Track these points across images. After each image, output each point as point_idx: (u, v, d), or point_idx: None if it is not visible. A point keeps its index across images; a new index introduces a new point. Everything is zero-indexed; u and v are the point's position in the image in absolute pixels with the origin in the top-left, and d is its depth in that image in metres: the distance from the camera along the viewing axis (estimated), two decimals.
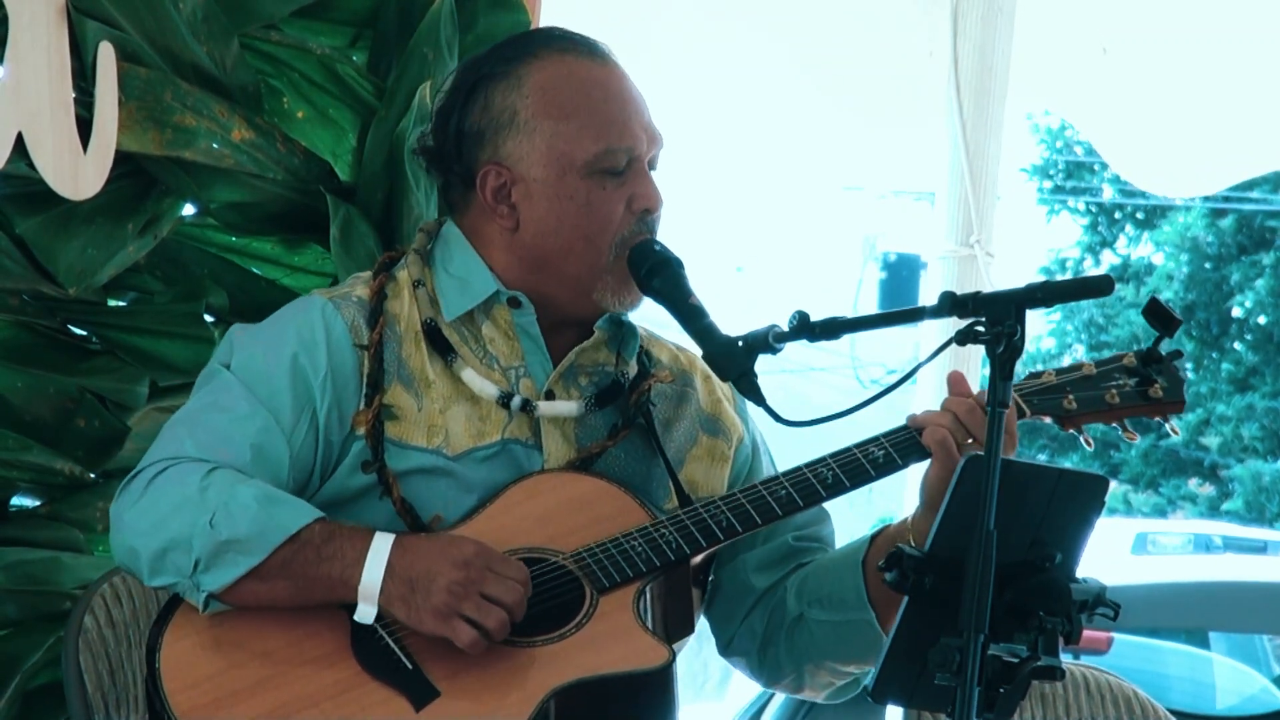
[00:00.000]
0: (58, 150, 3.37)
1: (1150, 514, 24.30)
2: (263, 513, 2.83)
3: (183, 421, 2.98)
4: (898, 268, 24.32)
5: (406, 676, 2.84)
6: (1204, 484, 25.99)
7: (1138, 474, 25.66)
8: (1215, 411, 25.20)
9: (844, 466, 3.00)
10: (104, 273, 3.52)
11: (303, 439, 2.96)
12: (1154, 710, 3.46)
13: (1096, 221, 26.79)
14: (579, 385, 3.07)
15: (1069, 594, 2.57)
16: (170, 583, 2.87)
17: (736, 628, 3.15)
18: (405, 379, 3.00)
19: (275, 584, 2.84)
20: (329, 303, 3.03)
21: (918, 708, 3.01)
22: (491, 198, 3.04)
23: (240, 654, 2.87)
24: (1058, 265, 26.52)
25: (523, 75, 3.04)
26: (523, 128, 3.02)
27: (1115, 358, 3.10)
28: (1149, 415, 3.09)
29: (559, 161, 3.01)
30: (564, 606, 2.90)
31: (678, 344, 3.23)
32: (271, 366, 2.98)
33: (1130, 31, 5.34)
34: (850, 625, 3.02)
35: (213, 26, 3.54)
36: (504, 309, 3.06)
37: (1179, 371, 3.09)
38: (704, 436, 3.15)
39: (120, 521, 2.91)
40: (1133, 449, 25.49)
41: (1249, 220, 25.12)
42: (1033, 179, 26.48)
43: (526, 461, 3.02)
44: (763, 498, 2.99)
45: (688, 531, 2.96)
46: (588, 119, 3.02)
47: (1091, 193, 26.73)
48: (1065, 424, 3.07)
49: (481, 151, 3.04)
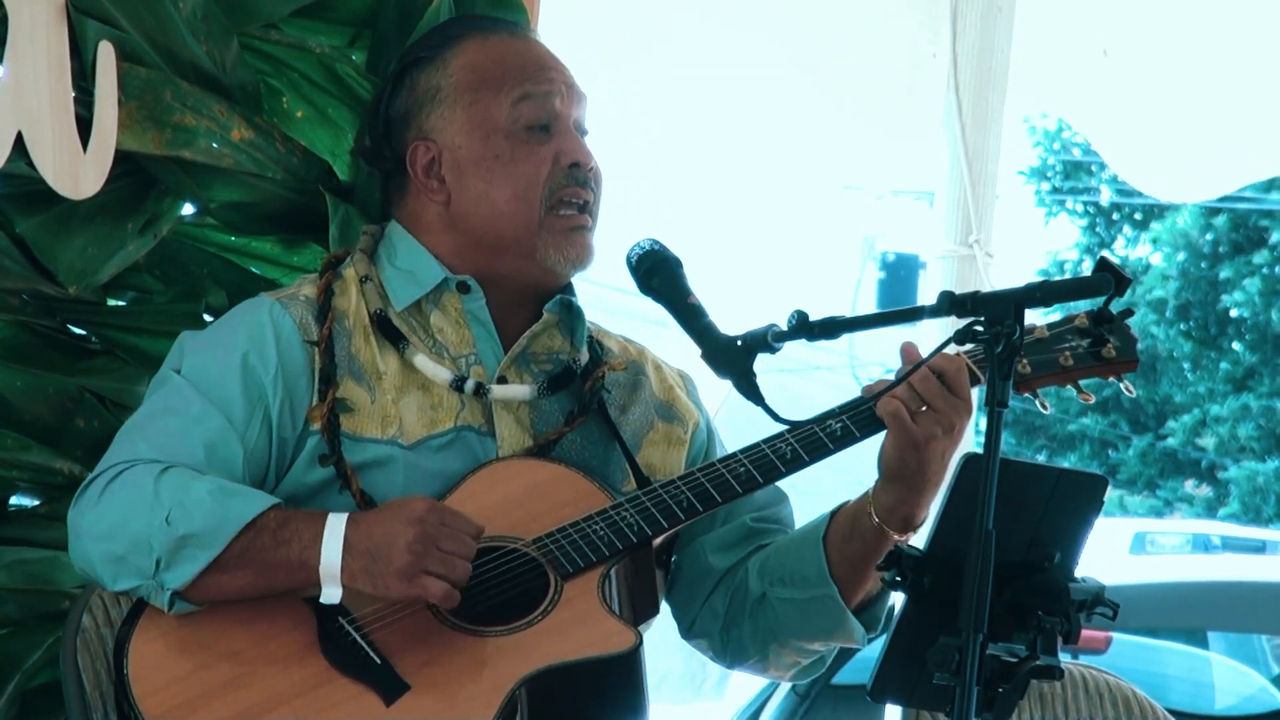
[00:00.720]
0: (57, 150, 3.37)
1: (1147, 516, 24.29)
2: (217, 505, 2.84)
3: (135, 427, 2.99)
4: (897, 267, 24.30)
5: (375, 671, 2.85)
6: (1200, 485, 25.98)
7: (1135, 474, 25.64)
8: (1210, 412, 25.18)
9: (802, 441, 3.00)
10: (104, 272, 3.52)
11: (256, 437, 2.97)
12: (1153, 710, 3.46)
13: (1095, 223, 26.81)
14: (531, 371, 3.08)
15: (1068, 593, 2.58)
16: (133, 585, 2.88)
17: (698, 610, 3.15)
18: (356, 373, 3.02)
19: (236, 574, 2.85)
20: (276, 303, 3.06)
21: (916, 707, 3.01)
22: (422, 174, 3.08)
23: (208, 654, 2.87)
24: (1056, 267, 26.53)
25: (448, 58, 3.11)
26: (444, 100, 3.08)
27: (1067, 319, 3.09)
28: (1103, 375, 3.08)
29: (482, 125, 3.06)
30: (529, 594, 2.91)
31: (625, 335, 3.25)
32: (222, 367, 2.99)
33: (1130, 33, 5.34)
34: (814, 602, 3.02)
35: (212, 26, 3.54)
36: (454, 296, 3.07)
37: (1130, 330, 3.07)
38: (659, 422, 3.17)
39: (77, 529, 2.92)
40: (1130, 450, 25.47)
41: (1244, 219, 25.12)
42: (1030, 181, 26.49)
43: (480, 449, 3.03)
44: (722, 476, 3.00)
45: (648, 513, 2.97)
46: (503, 79, 3.08)
47: (1089, 194, 26.74)
48: (1020, 388, 3.06)
49: (408, 131, 3.10)
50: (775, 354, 2.91)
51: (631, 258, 3.05)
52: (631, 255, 3.05)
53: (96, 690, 3.06)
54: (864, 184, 9.64)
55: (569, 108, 3.09)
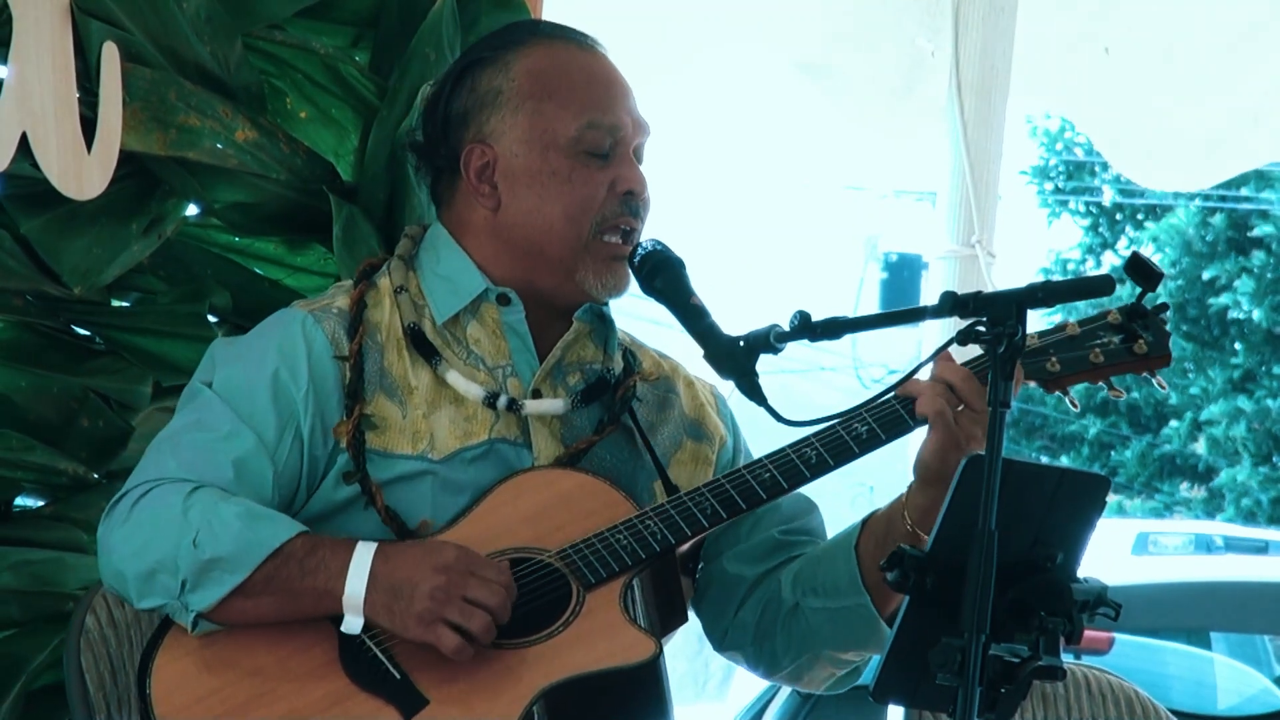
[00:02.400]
0: (62, 150, 3.38)
1: (1147, 517, 24.27)
2: (245, 530, 2.84)
3: (166, 441, 2.98)
4: (899, 268, 24.29)
5: (395, 686, 2.85)
6: (1195, 487, 25.95)
7: (1133, 475, 25.63)
8: (1206, 414, 25.15)
9: (827, 445, 2.98)
10: (108, 273, 3.53)
11: (287, 455, 2.96)
12: (1155, 710, 3.46)
13: (1097, 223, 26.77)
14: (566, 383, 3.07)
15: (1070, 594, 2.57)
16: (159, 604, 2.88)
17: (729, 622, 3.14)
18: (388, 388, 3.00)
19: (261, 600, 2.85)
20: (309, 316, 3.03)
21: (919, 708, 3.01)
22: (475, 177, 3.05)
23: (231, 673, 2.87)
24: (1059, 266, 26.50)
25: (510, 60, 3.06)
26: (506, 106, 3.04)
27: (1099, 315, 3.05)
28: (1135, 372, 3.04)
29: (542, 138, 3.02)
30: (551, 605, 2.90)
31: (659, 350, 3.23)
32: (254, 384, 2.98)
33: (1132, 31, 5.34)
34: (846, 611, 3.00)
35: (216, 27, 3.55)
36: (492, 307, 3.05)
37: (1164, 325, 3.03)
38: (688, 441, 3.15)
39: (107, 545, 2.92)
40: (1128, 451, 25.46)
41: (1243, 219, 25.10)
42: (1033, 181, 26.46)
43: (516, 460, 3.01)
44: (746, 481, 2.98)
45: (672, 521, 2.95)
46: (571, 97, 3.03)
47: (1092, 194, 26.72)
48: (1050, 387, 3.03)
49: (466, 132, 3.06)
50: (778, 354, 2.91)
51: (634, 258, 3.04)
52: (634, 256, 3.04)
53: (100, 692, 3.07)
54: (866, 185, 9.67)
55: (632, 137, 3.06)
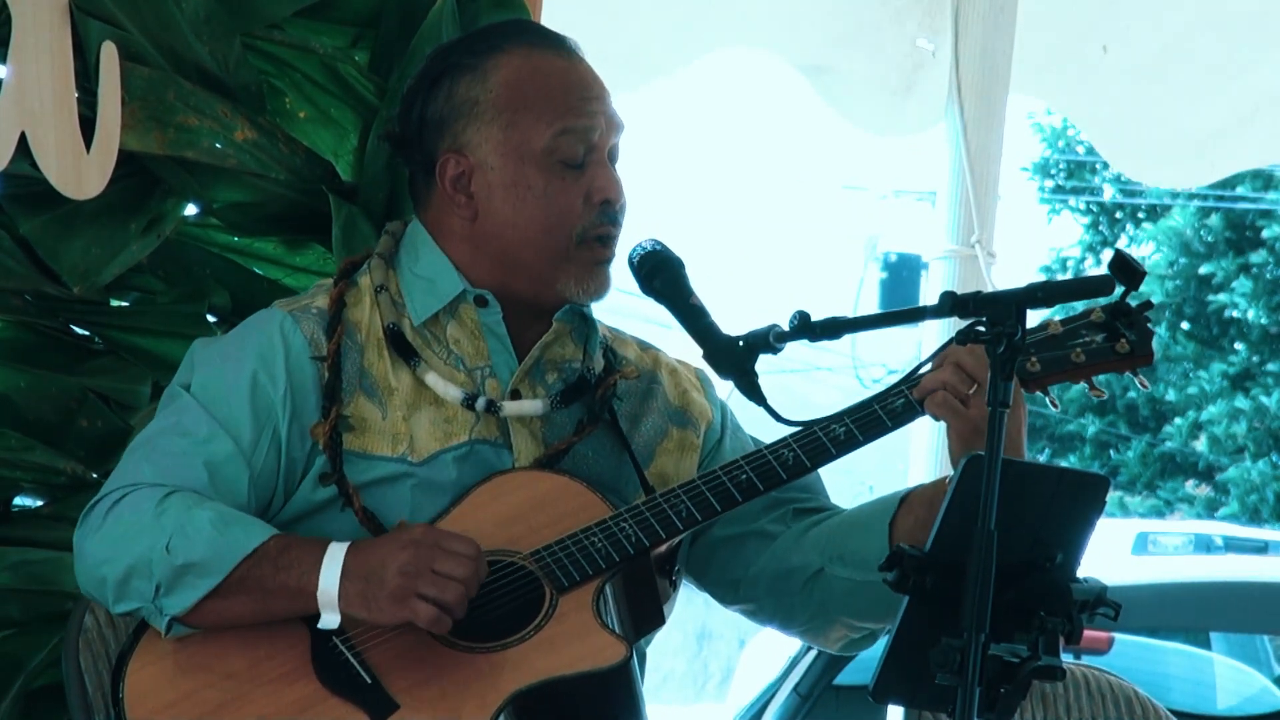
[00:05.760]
0: (61, 150, 3.38)
1: (1149, 515, 24.27)
2: (218, 535, 2.84)
3: (142, 446, 2.99)
4: (899, 268, 24.31)
5: (366, 691, 2.85)
6: (1200, 485, 25.94)
7: (1135, 475, 25.63)
8: (1206, 413, 25.15)
9: (804, 446, 2.97)
10: (107, 272, 3.53)
11: (264, 458, 2.96)
12: (1155, 710, 3.46)
13: (1098, 221, 26.77)
14: (545, 383, 3.06)
15: (1070, 594, 2.58)
16: (134, 608, 2.89)
17: (740, 574, 3.11)
18: (368, 388, 3.00)
19: (235, 600, 2.85)
20: (288, 316, 3.03)
21: (919, 708, 3.01)
22: (450, 187, 3.04)
23: (205, 677, 2.88)
24: (1059, 265, 26.49)
25: (488, 69, 3.04)
26: (482, 117, 3.02)
27: (1083, 314, 3.01)
28: (1117, 371, 3.00)
29: (517, 150, 3.01)
30: (524, 608, 2.89)
31: (641, 340, 3.22)
32: (231, 386, 2.98)
33: (1131, 30, 5.34)
34: (872, 585, 2.93)
35: (215, 26, 3.54)
36: (470, 308, 3.05)
37: (1148, 324, 3.00)
38: (673, 429, 3.14)
39: (82, 552, 2.93)
40: (1129, 451, 25.45)
41: (1240, 219, 25.10)
42: (1034, 178, 26.45)
43: (496, 461, 3.01)
44: (723, 484, 2.97)
45: (646, 523, 2.94)
46: (546, 106, 3.02)
47: (1093, 192, 26.72)
48: (1030, 386, 3.00)
49: (442, 140, 3.05)
50: (777, 354, 2.91)
51: (633, 258, 3.04)
52: (633, 256, 3.04)
53: (99, 691, 3.07)
54: (866, 184, 9.70)
55: (606, 138, 3.04)
